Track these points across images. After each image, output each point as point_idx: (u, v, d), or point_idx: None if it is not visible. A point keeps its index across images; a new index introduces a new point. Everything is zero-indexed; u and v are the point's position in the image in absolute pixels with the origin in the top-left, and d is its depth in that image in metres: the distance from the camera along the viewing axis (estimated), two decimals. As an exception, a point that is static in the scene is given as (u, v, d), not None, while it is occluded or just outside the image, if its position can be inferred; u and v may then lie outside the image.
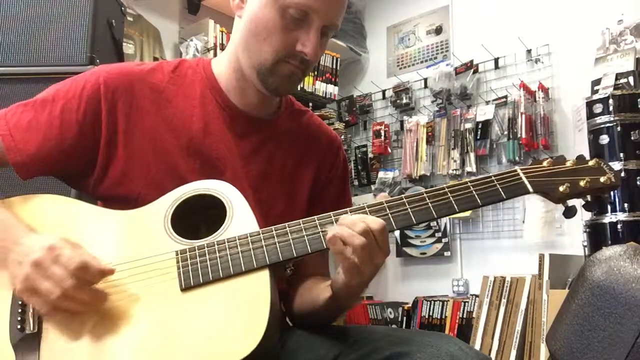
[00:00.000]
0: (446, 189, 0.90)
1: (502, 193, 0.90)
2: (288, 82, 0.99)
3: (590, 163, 0.94)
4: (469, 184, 0.91)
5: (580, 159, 0.95)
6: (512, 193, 0.91)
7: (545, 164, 0.94)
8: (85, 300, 0.78)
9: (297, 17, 0.94)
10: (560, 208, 0.95)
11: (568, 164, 0.94)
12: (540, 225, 2.81)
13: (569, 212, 0.93)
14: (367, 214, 0.87)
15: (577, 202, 0.95)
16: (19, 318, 0.81)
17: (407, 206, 0.88)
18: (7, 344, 0.79)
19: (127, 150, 0.98)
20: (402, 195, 0.89)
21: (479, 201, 0.89)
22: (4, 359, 0.78)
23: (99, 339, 0.80)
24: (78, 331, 0.80)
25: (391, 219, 0.87)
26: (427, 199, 0.89)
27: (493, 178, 0.91)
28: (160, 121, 1.00)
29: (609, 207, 2.32)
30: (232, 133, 1.04)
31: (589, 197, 0.94)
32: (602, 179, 0.92)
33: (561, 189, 0.91)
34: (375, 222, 0.82)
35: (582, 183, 0.91)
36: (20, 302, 0.82)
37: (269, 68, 0.98)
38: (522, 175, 0.92)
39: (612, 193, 2.23)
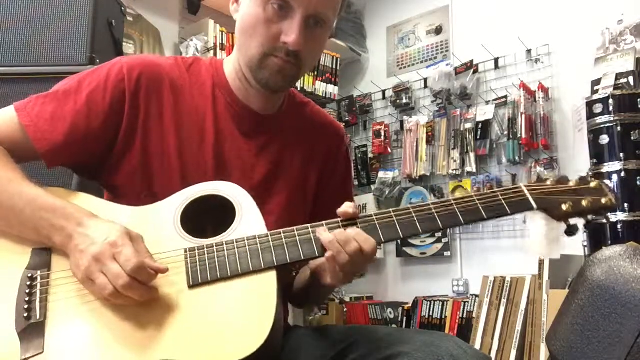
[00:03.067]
0: (452, 202, 0.92)
1: (507, 208, 0.92)
2: (278, 77, 0.99)
3: (592, 184, 0.97)
4: (475, 198, 0.93)
5: (582, 179, 0.98)
6: (517, 209, 0.93)
7: (548, 182, 0.97)
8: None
9: (279, 9, 0.95)
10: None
11: (571, 183, 0.97)
12: (545, 243, 2.81)
13: (571, 231, 0.96)
14: (374, 221, 0.90)
15: (578, 221, 0.98)
16: (26, 307, 0.81)
17: (414, 215, 0.90)
18: (13, 332, 0.79)
19: (144, 142, 0.99)
20: (409, 206, 0.92)
21: (484, 215, 0.92)
22: (10, 347, 0.78)
23: (104, 328, 0.80)
24: (83, 321, 0.81)
25: (398, 227, 0.90)
26: (433, 210, 0.91)
27: (498, 194, 0.93)
28: (177, 117, 1.01)
29: (608, 214, 2.32)
30: (240, 132, 1.05)
31: (589, 217, 0.97)
32: (603, 200, 0.95)
33: (564, 207, 0.93)
34: (367, 244, 0.86)
35: (584, 203, 0.94)
36: (27, 292, 0.82)
37: (257, 63, 0.98)
38: (526, 192, 0.94)
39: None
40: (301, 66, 1.00)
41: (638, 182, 2.29)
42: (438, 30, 3.66)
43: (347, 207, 0.90)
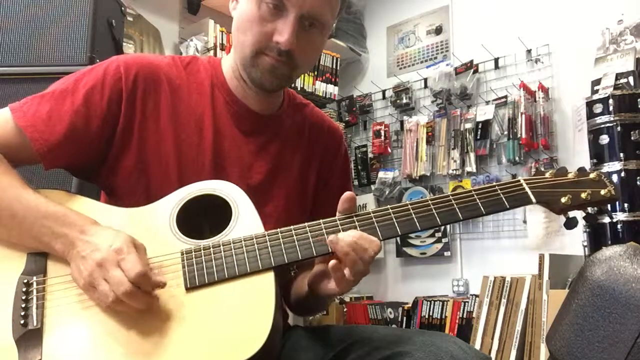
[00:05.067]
0: (451, 198, 0.91)
1: (506, 203, 0.91)
2: (271, 76, 0.98)
3: (592, 176, 0.96)
4: (473, 192, 0.92)
5: (581, 171, 0.97)
6: (516, 203, 0.92)
7: (547, 175, 0.96)
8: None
9: (274, 9, 0.94)
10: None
11: (570, 175, 0.96)
12: (544, 234, 2.81)
13: (570, 223, 0.95)
14: (372, 219, 0.89)
15: (578, 213, 0.97)
16: (22, 313, 0.81)
17: (412, 212, 0.89)
18: (10, 339, 0.79)
19: (141, 142, 0.99)
20: (407, 202, 0.91)
21: (482, 210, 0.90)
22: (7, 354, 0.78)
23: (102, 335, 0.80)
24: (81, 326, 0.81)
25: (396, 225, 0.89)
26: (431, 206, 0.90)
27: (497, 188, 0.92)
28: (174, 116, 1.01)
29: (609, 207, 2.32)
30: (239, 131, 1.05)
31: (589, 209, 0.96)
32: (602, 192, 0.93)
33: (563, 200, 0.92)
34: (372, 247, 0.85)
35: (583, 195, 0.93)
36: (23, 298, 0.82)
37: (249, 62, 0.98)
38: (525, 185, 0.93)
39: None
40: (295, 66, 0.99)
41: (638, 182, 2.29)
42: (438, 30, 3.66)
43: (345, 201, 0.89)
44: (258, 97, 1.05)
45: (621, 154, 2.32)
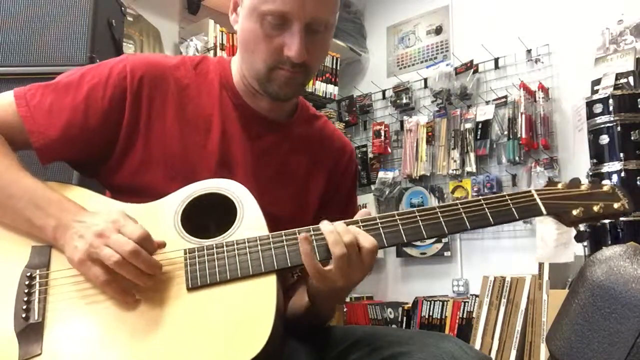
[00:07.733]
0: (459, 206, 0.89)
1: (515, 213, 0.90)
2: (287, 87, 0.98)
3: (605, 188, 0.94)
4: (483, 202, 0.90)
5: (595, 183, 0.95)
6: (525, 214, 0.90)
7: (559, 186, 0.94)
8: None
9: (277, 24, 0.93)
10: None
11: (583, 187, 0.94)
12: (554, 246, 2.79)
13: (581, 237, 0.93)
14: (378, 224, 0.88)
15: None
16: (24, 307, 0.81)
17: (419, 220, 0.88)
18: (11, 332, 0.79)
19: (146, 141, 0.98)
20: (415, 209, 0.89)
21: (491, 220, 0.89)
22: (8, 347, 0.78)
23: (102, 331, 0.80)
24: (82, 322, 0.81)
25: (402, 232, 0.88)
26: (439, 214, 0.89)
27: (507, 198, 0.91)
28: (181, 117, 1.01)
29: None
30: (246, 134, 1.04)
31: (581, 227, 0.94)
32: (615, 205, 0.92)
33: (574, 212, 0.91)
34: (367, 241, 0.84)
35: (595, 208, 0.91)
36: (25, 291, 0.82)
37: (264, 77, 0.98)
38: (536, 196, 0.91)
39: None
40: (308, 72, 0.99)
41: (638, 182, 2.29)
42: (438, 30, 3.66)
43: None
44: (268, 104, 1.05)
45: (621, 154, 2.32)
